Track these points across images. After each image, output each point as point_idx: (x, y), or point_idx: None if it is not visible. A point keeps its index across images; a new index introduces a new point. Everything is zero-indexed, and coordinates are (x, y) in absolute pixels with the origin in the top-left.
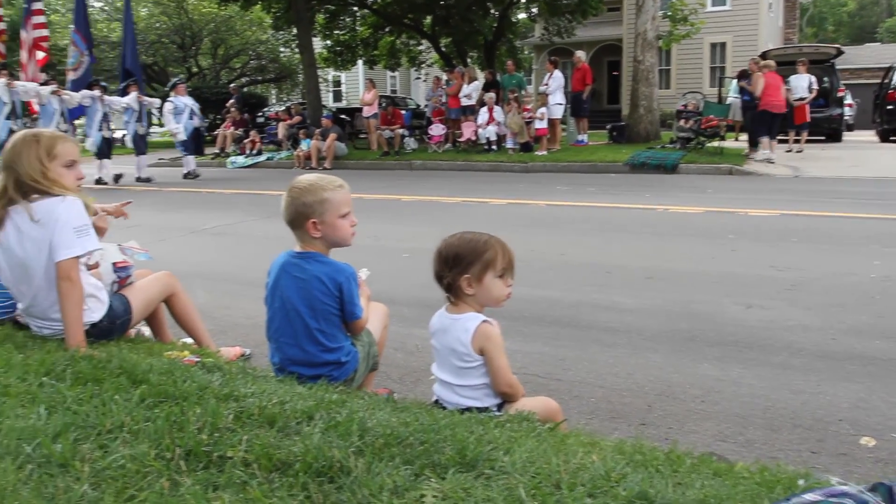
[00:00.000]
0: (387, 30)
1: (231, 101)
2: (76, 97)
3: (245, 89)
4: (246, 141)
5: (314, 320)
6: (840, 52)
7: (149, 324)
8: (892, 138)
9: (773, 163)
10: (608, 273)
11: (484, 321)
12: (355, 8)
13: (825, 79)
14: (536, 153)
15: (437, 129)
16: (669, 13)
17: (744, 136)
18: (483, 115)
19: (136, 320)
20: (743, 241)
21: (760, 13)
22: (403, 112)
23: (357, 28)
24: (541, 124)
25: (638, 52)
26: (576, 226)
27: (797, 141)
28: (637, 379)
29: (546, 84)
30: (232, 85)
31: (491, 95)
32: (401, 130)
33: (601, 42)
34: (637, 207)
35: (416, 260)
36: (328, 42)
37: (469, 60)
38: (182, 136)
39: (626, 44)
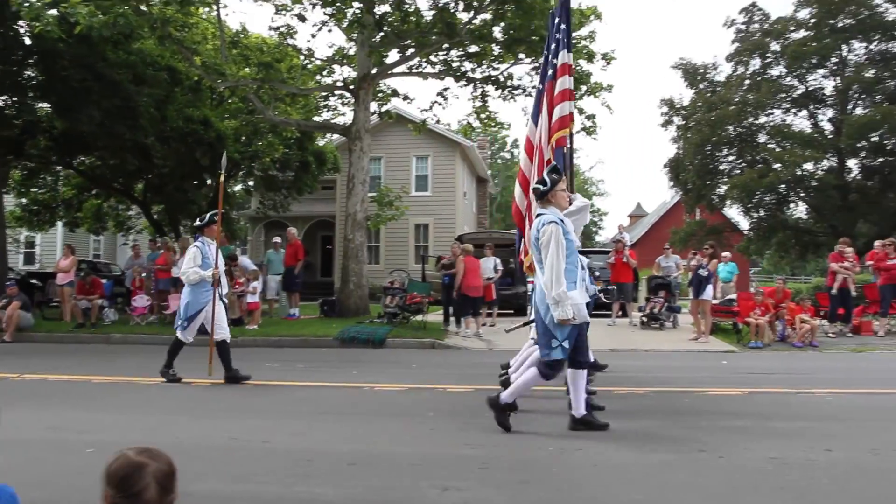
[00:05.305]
0: (93, 192)
1: None
2: None
3: None
4: None
5: None
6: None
7: None
8: None
9: (481, 338)
10: (310, 461)
11: None
12: (59, 167)
13: (511, 260)
14: (247, 327)
15: (140, 301)
16: (377, 197)
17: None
18: None
19: None
20: (442, 419)
21: (457, 199)
22: (104, 281)
23: (59, 188)
24: (253, 298)
25: (348, 231)
26: (281, 408)
27: (489, 315)
28: None
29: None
30: None
31: None
32: (100, 301)
33: (316, 217)
34: (344, 386)
35: (103, 455)
36: (24, 200)
37: (182, 229)
38: None
39: (339, 221)
